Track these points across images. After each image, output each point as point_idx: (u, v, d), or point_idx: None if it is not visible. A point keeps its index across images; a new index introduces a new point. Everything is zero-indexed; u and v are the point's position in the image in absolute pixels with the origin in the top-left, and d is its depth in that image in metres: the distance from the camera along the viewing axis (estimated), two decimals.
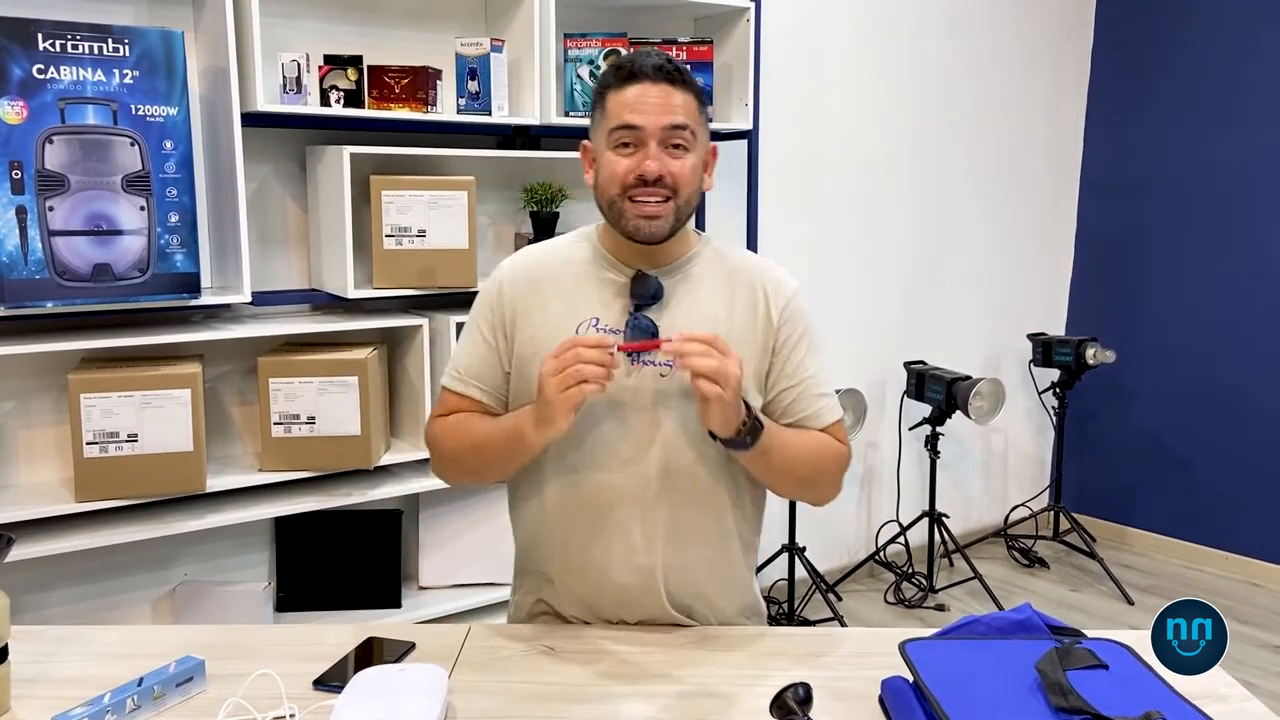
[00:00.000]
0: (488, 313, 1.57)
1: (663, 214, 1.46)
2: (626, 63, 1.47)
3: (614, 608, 1.54)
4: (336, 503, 2.50)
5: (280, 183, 2.62)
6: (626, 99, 1.45)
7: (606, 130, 1.47)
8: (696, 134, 1.48)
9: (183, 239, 2.26)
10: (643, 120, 1.44)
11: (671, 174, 1.45)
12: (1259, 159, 3.94)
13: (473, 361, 1.57)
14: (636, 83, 1.45)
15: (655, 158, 1.44)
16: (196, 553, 2.58)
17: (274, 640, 1.50)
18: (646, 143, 1.44)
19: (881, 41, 3.81)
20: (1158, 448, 4.32)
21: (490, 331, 1.56)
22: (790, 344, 1.55)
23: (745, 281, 1.56)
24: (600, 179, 1.50)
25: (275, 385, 2.42)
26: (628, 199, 1.45)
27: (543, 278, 1.56)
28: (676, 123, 1.45)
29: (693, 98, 1.48)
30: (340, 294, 2.51)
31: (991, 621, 1.32)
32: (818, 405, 1.57)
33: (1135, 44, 4.30)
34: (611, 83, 1.48)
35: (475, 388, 1.56)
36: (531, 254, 1.62)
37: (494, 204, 2.90)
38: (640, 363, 1.49)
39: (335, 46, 2.57)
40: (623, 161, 1.45)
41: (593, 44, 2.80)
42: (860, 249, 3.87)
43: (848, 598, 3.80)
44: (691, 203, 1.50)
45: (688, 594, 1.54)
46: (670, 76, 1.46)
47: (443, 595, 2.75)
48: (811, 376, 1.57)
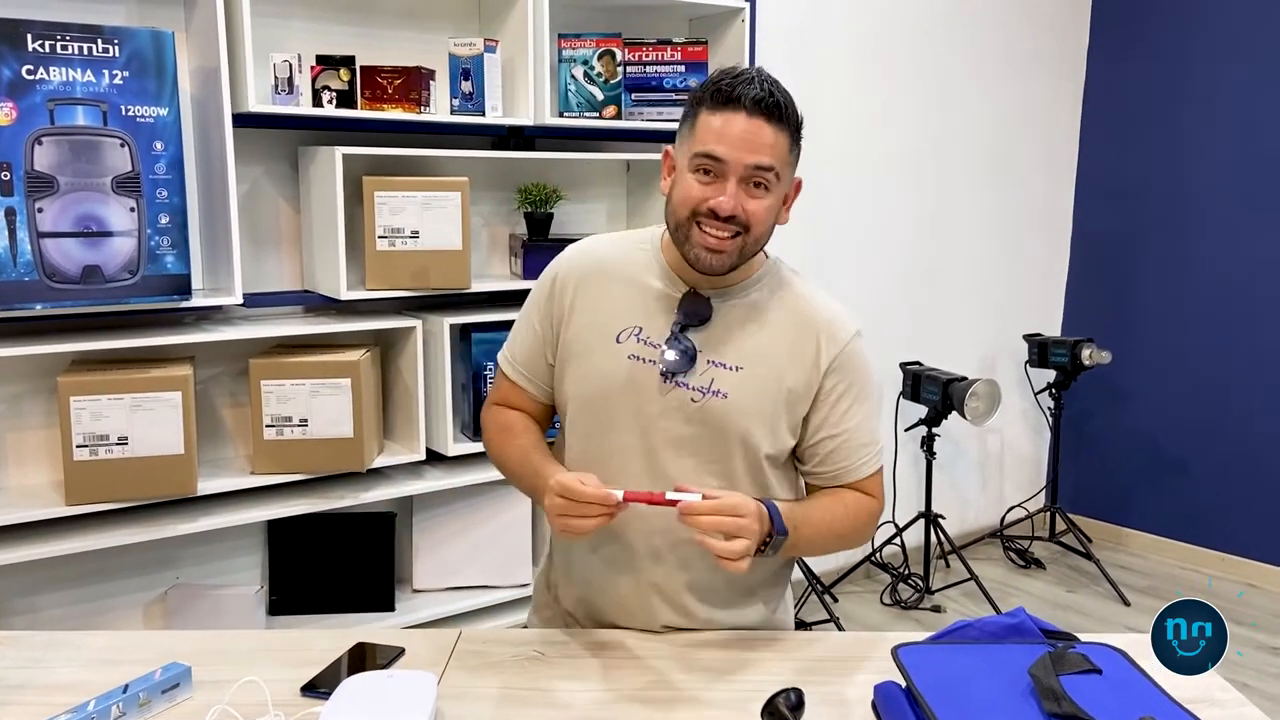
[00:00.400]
0: (542, 301, 1.58)
1: (728, 250, 1.42)
2: (728, 85, 1.39)
3: (618, 617, 1.55)
4: (329, 505, 2.49)
5: (272, 183, 2.60)
6: (717, 126, 1.39)
7: (690, 151, 1.41)
8: (781, 175, 1.43)
9: (173, 240, 2.25)
10: (727, 154, 1.38)
11: (746, 212, 1.40)
12: (1253, 160, 3.93)
13: (523, 349, 1.60)
14: (732, 110, 1.38)
15: (732, 195, 1.39)
16: (188, 556, 2.57)
17: (262, 646, 1.49)
18: (727, 176, 1.39)
19: (877, 43, 3.80)
20: (1153, 448, 4.31)
21: (542, 322, 1.57)
22: (836, 393, 1.50)
23: (800, 319, 1.51)
24: (674, 196, 1.45)
25: (267, 387, 2.41)
26: (696, 225, 1.42)
27: (599, 276, 1.54)
28: (762, 164, 1.39)
29: (786, 136, 1.41)
30: (333, 295, 2.50)
31: (984, 626, 1.31)
32: (857, 458, 1.53)
33: (1131, 46, 4.30)
34: (707, 100, 1.41)
35: (523, 376, 1.61)
36: (591, 252, 1.58)
37: (488, 205, 2.89)
38: (675, 383, 1.47)
39: (327, 47, 2.56)
40: (699, 188, 1.40)
41: (587, 44, 2.79)
42: (856, 250, 3.87)
43: (844, 599, 3.79)
44: (761, 242, 1.47)
45: (696, 616, 1.54)
46: (768, 111, 1.39)
47: (436, 598, 2.74)
48: (854, 428, 1.52)
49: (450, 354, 2.61)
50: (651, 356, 1.48)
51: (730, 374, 1.47)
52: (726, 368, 1.48)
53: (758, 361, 1.48)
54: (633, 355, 1.49)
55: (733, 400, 1.47)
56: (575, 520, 1.33)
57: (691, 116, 1.44)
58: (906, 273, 4.03)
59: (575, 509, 1.32)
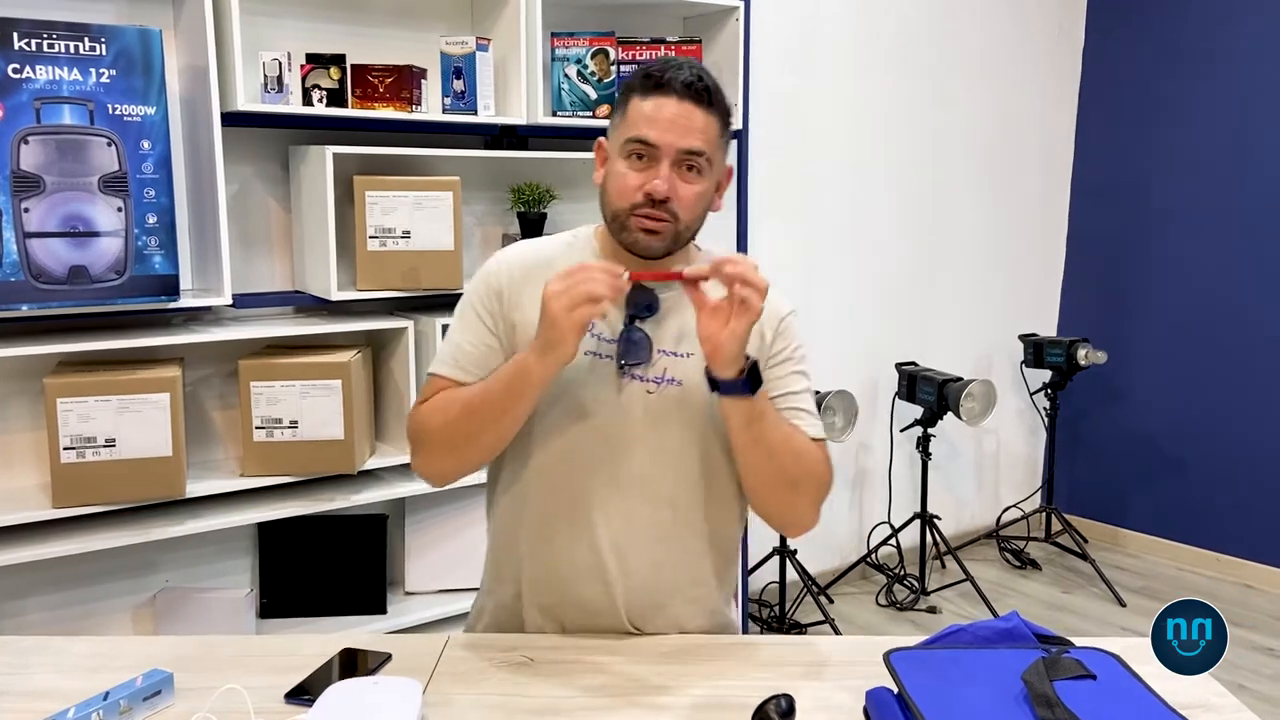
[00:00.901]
0: (486, 301, 1.51)
1: (663, 231, 1.43)
2: (658, 71, 1.41)
3: (578, 622, 1.51)
4: (320, 508, 2.47)
5: (262, 183, 2.58)
6: (648, 110, 1.40)
7: (622, 138, 1.42)
8: (713, 160, 1.43)
9: (161, 240, 2.23)
10: (659, 138, 1.39)
11: (679, 198, 1.41)
12: (1248, 160, 3.92)
13: (472, 347, 1.50)
14: (662, 95, 1.39)
15: (665, 178, 1.40)
16: (177, 559, 2.55)
17: (247, 651, 1.47)
18: (659, 160, 1.40)
19: (871, 42, 3.79)
20: (1149, 449, 4.30)
21: (491, 323, 1.51)
22: (778, 359, 1.53)
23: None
24: (609, 187, 1.45)
25: (257, 389, 2.39)
26: (633, 214, 1.42)
27: (538, 274, 1.50)
28: (693, 148, 1.40)
29: (716, 120, 1.42)
30: (323, 296, 2.48)
31: (977, 630, 1.29)
32: (800, 421, 1.51)
33: (1127, 45, 4.28)
34: (638, 88, 1.42)
35: (475, 375, 1.48)
36: (528, 248, 1.57)
37: (480, 205, 2.87)
38: (630, 376, 1.46)
39: (317, 45, 2.54)
40: (633, 176, 1.41)
41: (580, 43, 2.78)
42: (851, 250, 3.85)
43: (839, 600, 3.78)
44: (693, 227, 1.47)
45: (658, 614, 1.52)
46: (698, 95, 1.40)
47: (428, 600, 2.72)
48: (795, 393, 1.53)
49: None
50: (607, 351, 1.47)
51: (683, 361, 1.48)
52: (678, 355, 1.48)
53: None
54: (588, 351, 1.47)
55: (687, 386, 1.47)
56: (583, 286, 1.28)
57: (623, 105, 1.44)
58: (902, 272, 4.02)
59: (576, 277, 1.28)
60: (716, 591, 1.59)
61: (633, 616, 1.50)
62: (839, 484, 3.86)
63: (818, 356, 1.60)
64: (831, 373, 3.68)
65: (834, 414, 3.43)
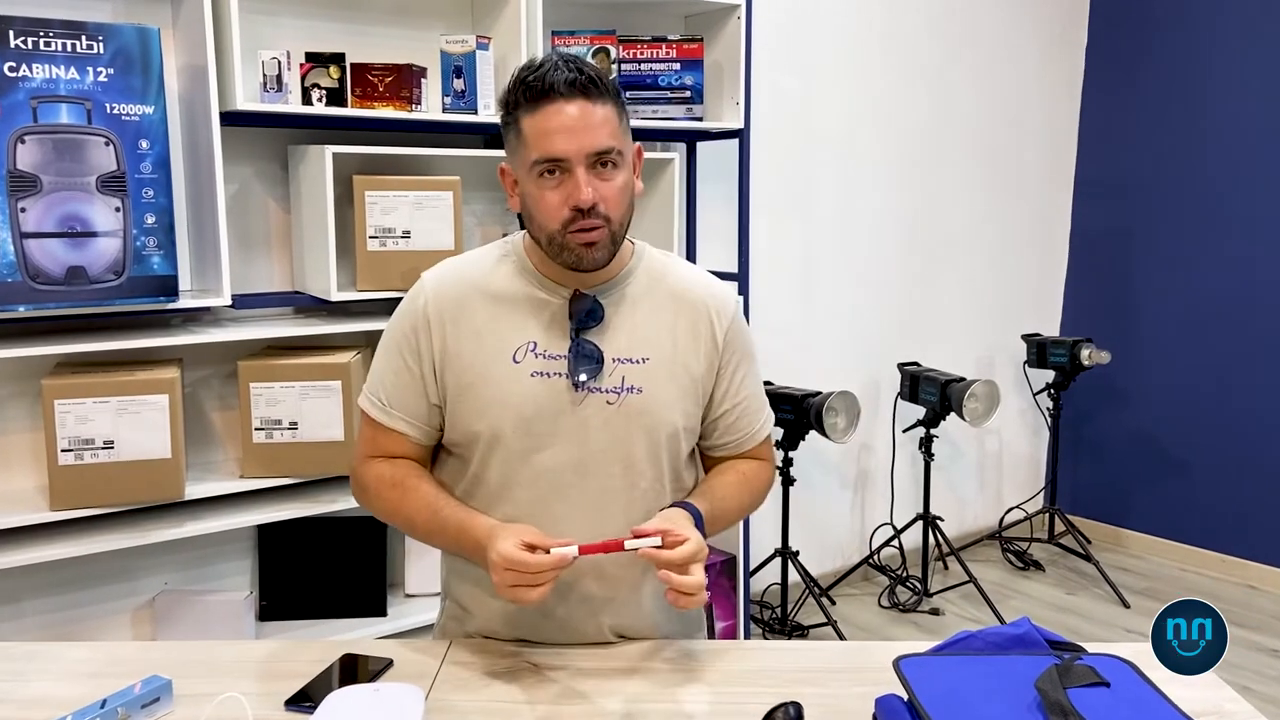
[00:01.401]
0: (411, 338, 1.45)
1: (600, 239, 1.37)
2: (535, 79, 1.33)
3: (552, 634, 1.49)
4: (320, 510, 2.45)
5: (261, 183, 2.56)
6: (542, 125, 1.32)
7: (528, 162, 1.35)
8: (623, 150, 1.38)
9: (160, 241, 2.21)
10: (565, 148, 1.32)
11: (605, 199, 1.35)
12: (1252, 159, 3.90)
13: (396, 391, 1.46)
14: (549, 102, 1.32)
15: (586, 184, 1.33)
16: (176, 562, 2.53)
17: (246, 657, 1.45)
18: (573, 170, 1.33)
19: (872, 39, 3.77)
20: (1153, 449, 4.28)
21: (415, 361, 1.45)
22: (733, 365, 1.52)
23: (686, 300, 1.49)
24: (533, 214, 1.38)
25: (256, 390, 2.37)
26: (568, 233, 1.36)
27: (471, 298, 1.44)
28: (601, 147, 1.33)
29: (612, 108, 1.36)
30: (323, 296, 2.46)
31: (988, 636, 1.27)
32: (755, 424, 1.57)
33: (1129, 43, 4.27)
34: (521, 102, 1.34)
35: (403, 421, 1.46)
36: (455, 270, 1.48)
37: (480, 205, 2.85)
38: (587, 389, 1.42)
39: (317, 44, 2.52)
40: (551, 194, 1.34)
41: (581, 41, 2.76)
42: (853, 249, 3.83)
43: (841, 602, 3.76)
44: (625, 223, 1.41)
45: (636, 627, 1.50)
46: (585, 89, 1.33)
47: (429, 603, 2.70)
48: (751, 394, 1.56)
49: None
50: (555, 369, 1.42)
51: (638, 367, 1.44)
52: (633, 362, 1.44)
53: (659, 348, 1.46)
54: (536, 372, 1.42)
55: (649, 392, 1.44)
56: (528, 590, 1.26)
57: (513, 124, 1.37)
58: (903, 271, 4.00)
59: (527, 580, 1.26)
60: None
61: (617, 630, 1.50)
62: (841, 485, 3.86)
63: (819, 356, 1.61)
64: (833, 373, 3.67)
65: (836, 415, 3.41)
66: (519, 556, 1.25)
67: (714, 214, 3.26)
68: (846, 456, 3.87)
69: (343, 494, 2.49)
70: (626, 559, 1.43)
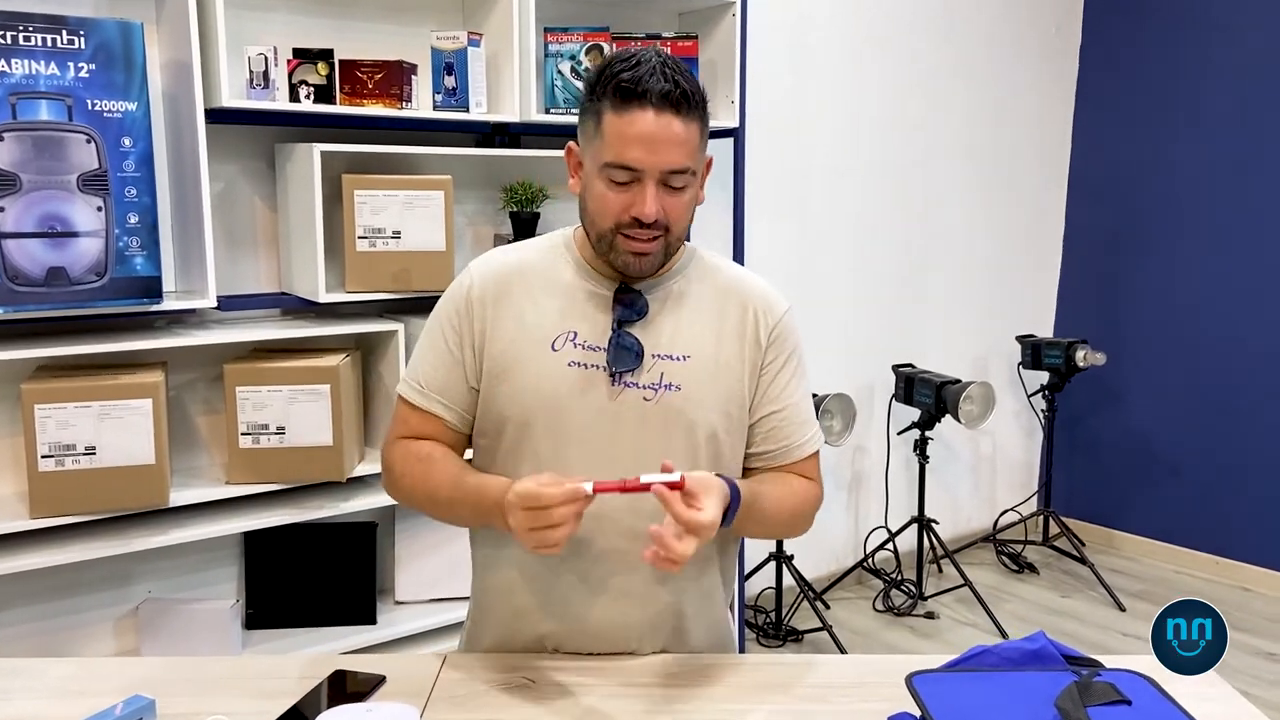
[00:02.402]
0: (454, 320, 1.44)
1: (653, 251, 1.36)
2: (630, 80, 1.29)
3: (582, 644, 1.44)
4: (308, 516, 2.39)
5: (247, 182, 2.51)
6: (626, 132, 1.29)
7: (600, 160, 1.32)
8: (697, 170, 1.37)
9: (143, 241, 2.15)
10: (641, 161, 1.29)
11: (666, 212, 1.34)
12: (1247, 159, 3.89)
13: (435, 373, 1.45)
14: (639, 108, 1.29)
15: (653, 200, 1.31)
16: (160, 569, 2.47)
17: (234, 674, 1.40)
18: (645, 183, 1.31)
19: (867, 39, 3.74)
20: (1146, 450, 4.26)
21: (457, 343, 1.44)
22: (776, 366, 1.47)
23: (734, 300, 1.47)
24: (590, 207, 1.37)
25: (243, 394, 2.31)
26: (619, 234, 1.35)
27: (516, 285, 1.44)
28: (678, 167, 1.31)
29: (697, 126, 1.34)
30: (311, 298, 2.41)
31: (1003, 652, 1.23)
32: (798, 435, 1.48)
33: (1123, 43, 4.24)
34: (609, 97, 1.31)
35: (438, 403, 1.45)
36: (504, 257, 1.49)
37: (472, 204, 2.80)
38: (624, 384, 1.40)
39: (304, 40, 2.46)
40: (614, 198, 1.33)
41: (574, 38, 2.71)
42: (848, 250, 3.80)
43: (835, 606, 3.72)
44: (683, 236, 1.41)
45: (664, 628, 1.46)
46: (676, 105, 1.29)
47: (420, 610, 2.65)
48: (795, 403, 1.48)
49: None
50: (594, 360, 1.40)
51: (679, 365, 1.41)
52: (674, 359, 1.41)
53: (702, 347, 1.43)
54: (574, 362, 1.40)
55: (687, 391, 1.41)
56: (547, 531, 1.21)
57: (594, 116, 1.34)
58: (898, 272, 3.97)
59: (545, 517, 1.21)
60: (721, 604, 1.54)
61: (645, 636, 1.44)
62: (835, 488, 3.82)
63: (814, 358, 1.55)
64: (828, 375, 3.63)
65: (832, 418, 3.37)
66: (533, 489, 1.21)
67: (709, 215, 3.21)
68: (841, 459, 3.83)
69: (331, 500, 2.43)
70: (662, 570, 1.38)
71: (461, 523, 1.44)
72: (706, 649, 1.50)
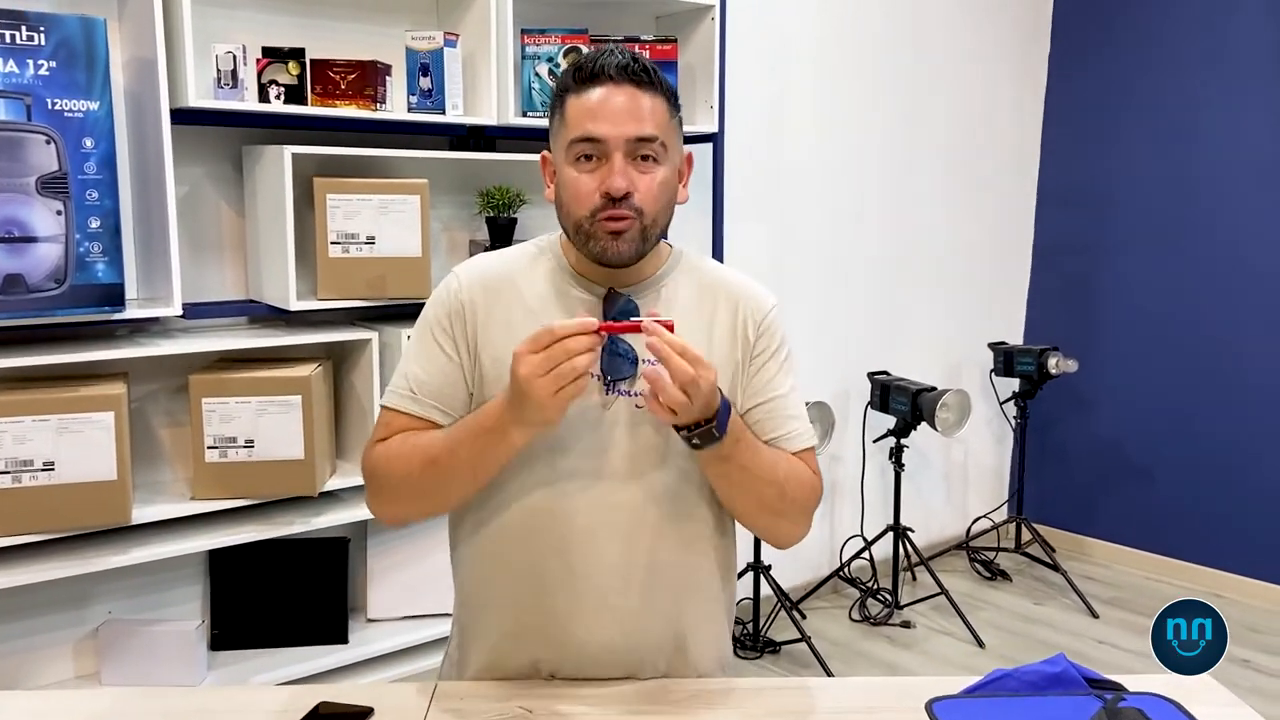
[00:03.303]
0: (446, 322, 1.39)
1: (627, 229, 1.30)
2: (587, 62, 1.31)
3: (578, 667, 1.38)
4: (277, 532, 2.31)
5: (214, 185, 2.42)
6: (587, 105, 1.29)
7: (566, 141, 1.31)
8: (667, 145, 1.33)
9: (105, 247, 2.06)
10: (605, 130, 1.28)
11: (638, 190, 1.29)
12: (1214, 169, 3.91)
13: (430, 378, 1.38)
14: (598, 85, 1.29)
15: (621, 172, 1.28)
16: (122, 589, 2.37)
17: (204, 706, 1.32)
18: (611, 155, 1.28)
19: (844, 47, 3.71)
20: (1117, 457, 4.27)
21: (451, 344, 1.38)
22: (763, 358, 1.43)
23: (723, 300, 1.43)
24: (564, 199, 1.33)
25: (209, 405, 2.22)
26: (596, 221, 1.30)
27: (505, 290, 1.39)
28: (644, 134, 1.29)
29: (663, 101, 1.33)
30: (281, 306, 2.32)
31: (1024, 676, 1.19)
32: (788, 427, 1.43)
33: (1092, 54, 4.26)
34: (570, 85, 1.32)
35: (434, 409, 1.37)
36: (489, 262, 1.44)
37: (447, 209, 2.72)
38: (617, 393, 1.35)
39: (274, 38, 2.37)
40: (585, 179, 1.30)
41: (551, 40, 2.65)
42: (823, 256, 3.77)
43: (812, 616, 3.68)
44: (660, 222, 1.35)
45: (665, 648, 1.40)
46: (636, 77, 1.30)
47: (393, 628, 2.57)
48: (783, 396, 1.43)
49: None
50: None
51: None
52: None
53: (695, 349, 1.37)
54: None
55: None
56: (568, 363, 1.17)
57: (558, 108, 1.34)
58: (873, 279, 3.95)
59: (561, 350, 1.17)
60: (724, 621, 1.48)
61: (645, 658, 1.38)
62: None
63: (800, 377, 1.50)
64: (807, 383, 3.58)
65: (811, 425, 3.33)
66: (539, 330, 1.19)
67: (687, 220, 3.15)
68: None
69: (302, 515, 2.35)
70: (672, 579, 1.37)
71: (467, 469, 1.31)
72: (710, 670, 1.44)
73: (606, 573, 1.35)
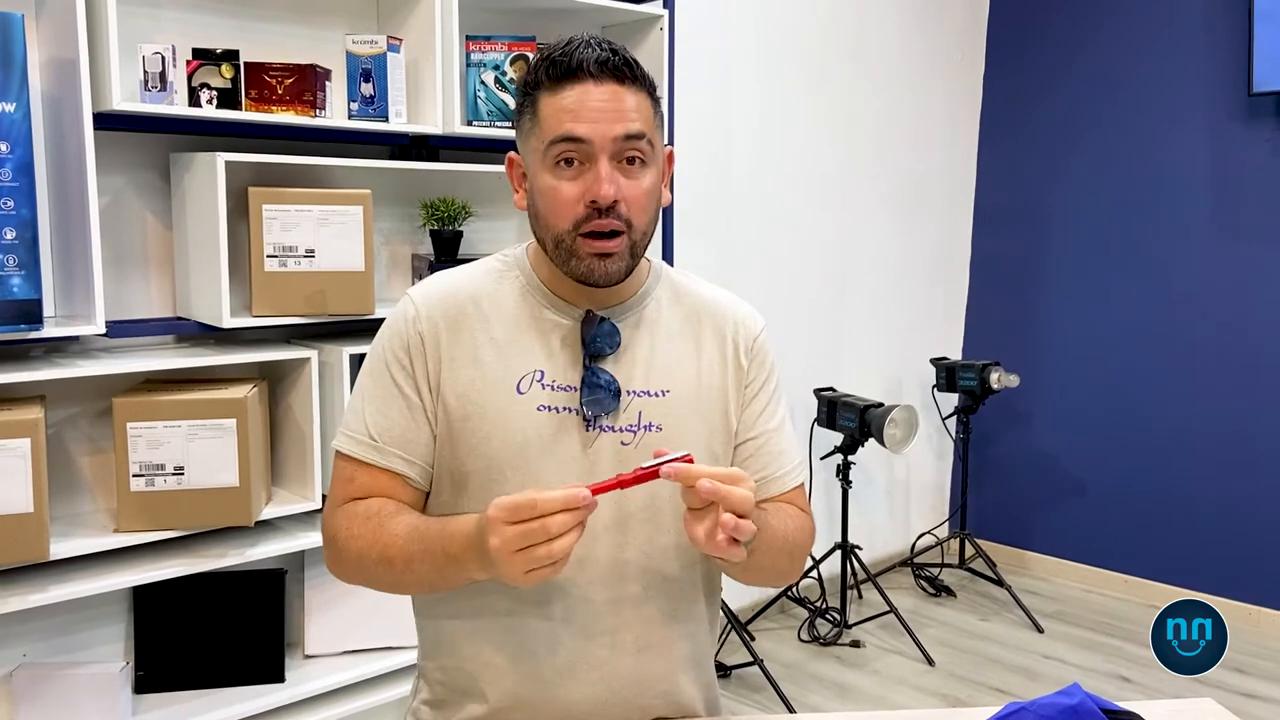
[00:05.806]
0: (405, 358, 1.24)
1: (617, 250, 1.19)
2: (562, 56, 1.19)
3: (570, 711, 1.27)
4: (209, 565, 2.16)
5: (139, 194, 2.27)
6: (565, 103, 1.16)
7: (543, 144, 1.18)
8: (654, 144, 1.22)
9: (21, 259, 1.90)
10: (589, 131, 1.16)
11: (628, 200, 1.18)
12: (1148, 186, 3.98)
13: (390, 423, 1.24)
14: (577, 82, 1.17)
15: (609, 179, 1.16)
16: (38, 630, 2.19)
17: None
18: (596, 159, 1.16)
19: (782, 66, 3.69)
20: (1055, 471, 4.31)
21: (411, 385, 1.24)
22: (754, 388, 1.33)
23: (710, 324, 1.33)
24: (542, 210, 1.20)
25: (134, 430, 2.07)
26: (580, 235, 1.18)
27: (468, 316, 1.25)
28: (631, 132, 1.17)
29: (646, 97, 1.21)
30: (213, 323, 2.18)
31: (1040, 709, 1.13)
32: (779, 465, 1.33)
33: (1026, 71, 4.31)
34: (544, 81, 1.19)
35: (398, 457, 1.24)
36: (448, 284, 1.29)
37: (388, 221, 2.61)
38: (599, 428, 1.24)
39: (205, 39, 2.24)
40: (567, 186, 1.17)
41: (498, 48, 2.56)
42: (767, 271, 3.73)
43: (761, 637, 3.62)
44: (649, 234, 1.24)
45: (657, 706, 1.29)
46: (619, 73, 1.19)
47: (332, 664, 2.42)
48: (773, 430, 1.33)
49: (349, 388, 2.31)
50: (565, 403, 1.23)
51: (658, 402, 1.26)
52: (651, 395, 1.26)
53: (681, 380, 1.28)
54: (543, 406, 1.23)
55: (668, 432, 1.25)
56: (544, 547, 1.01)
57: (529, 106, 1.21)
58: (816, 295, 3.92)
59: (540, 529, 1.01)
60: (710, 662, 1.39)
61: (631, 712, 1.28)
62: None
63: None
64: None
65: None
66: (520, 498, 1.02)
67: None
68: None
69: (236, 546, 2.20)
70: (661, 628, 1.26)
71: (423, 584, 1.21)
72: (702, 711, 1.35)
73: (593, 630, 1.24)
